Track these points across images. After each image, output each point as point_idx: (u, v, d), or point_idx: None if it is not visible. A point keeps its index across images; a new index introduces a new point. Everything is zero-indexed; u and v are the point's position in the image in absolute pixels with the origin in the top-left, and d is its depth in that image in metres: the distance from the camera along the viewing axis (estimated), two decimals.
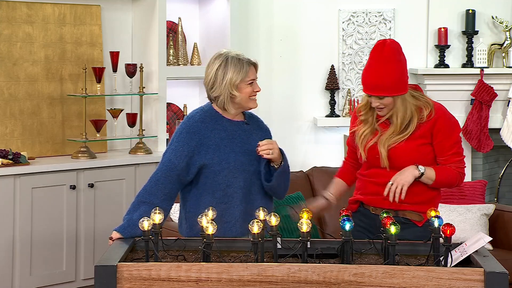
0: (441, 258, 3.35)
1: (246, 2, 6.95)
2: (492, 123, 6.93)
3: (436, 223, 3.40)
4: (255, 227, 3.31)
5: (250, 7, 6.98)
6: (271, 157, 3.83)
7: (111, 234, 3.72)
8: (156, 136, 6.41)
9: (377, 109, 3.93)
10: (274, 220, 3.42)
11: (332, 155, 6.92)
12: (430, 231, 3.43)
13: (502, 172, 7.22)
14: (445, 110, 3.99)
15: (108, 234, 3.78)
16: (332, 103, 6.99)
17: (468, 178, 6.85)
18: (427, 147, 3.95)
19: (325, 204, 4.16)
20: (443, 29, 6.92)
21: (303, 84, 7.07)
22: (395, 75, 3.85)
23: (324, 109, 7.07)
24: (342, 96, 7.04)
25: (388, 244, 3.35)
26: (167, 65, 6.52)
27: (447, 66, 6.98)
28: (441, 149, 3.95)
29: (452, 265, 3.34)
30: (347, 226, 3.36)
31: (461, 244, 3.48)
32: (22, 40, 6.02)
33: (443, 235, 3.35)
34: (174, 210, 5.30)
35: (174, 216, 5.33)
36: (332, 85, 6.96)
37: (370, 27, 7.05)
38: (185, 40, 6.75)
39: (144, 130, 6.35)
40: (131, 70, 6.28)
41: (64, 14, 6.19)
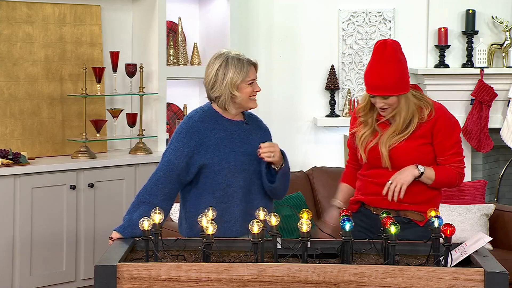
0: (441, 258, 3.35)
1: (246, 2, 6.94)
2: (492, 123, 6.92)
3: (436, 223, 3.40)
4: (255, 227, 3.30)
5: (250, 7, 6.97)
6: (272, 160, 3.83)
7: (111, 234, 3.72)
8: (156, 136, 6.41)
9: (381, 110, 3.93)
10: (274, 220, 3.42)
11: (332, 155, 6.92)
12: (431, 231, 3.43)
13: (502, 172, 7.22)
14: (445, 110, 3.99)
15: (108, 234, 3.77)
16: (332, 103, 6.99)
17: (468, 178, 6.85)
18: (427, 147, 3.95)
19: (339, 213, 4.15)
20: (443, 29, 6.92)
21: (303, 84, 7.06)
22: (399, 74, 3.85)
23: (324, 109, 7.07)
24: (342, 96, 7.04)
25: (388, 244, 3.35)
26: (167, 65, 6.52)
27: (447, 66, 6.98)
28: (441, 149, 3.95)
29: (452, 265, 3.34)
30: (347, 226, 3.36)
31: (461, 244, 3.48)
32: (22, 40, 6.01)
33: (443, 235, 3.35)
34: (174, 210, 5.30)
35: (174, 216, 5.32)
36: (332, 85, 6.95)
37: (370, 27, 7.04)
38: (185, 40, 6.75)
39: (144, 130, 6.35)
40: (131, 70, 6.28)
41: (64, 14, 6.19)
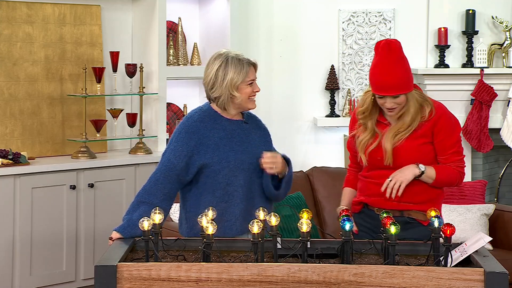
0: (441, 258, 3.35)
1: (246, 2, 6.94)
2: (492, 123, 6.92)
3: (436, 223, 3.40)
4: (255, 227, 3.30)
5: (250, 7, 6.97)
6: (274, 172, 3.83)
7: (111, 234, 3.72)
8: (156, 136, 6.41)
9: (388, 111, 3.91)
10: (274, 220, 3.42)
11: (332, 155, 6.92)
12: (431, 231, 3.43)
13: (502, 172, 7.22)
14: (446, 109, 4.00)
15: (108, 234, 3.77)
16: (332, 103, 6.99)
17: (468, 178, 6.84)
18: (428, 146, 3.95)
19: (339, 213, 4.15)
20: (443, 29, 6.92)
21: (303, 84, 7.06)
22: (406, 73, 3.87)
23: (324, 109, 7.07)
24: (342, 96, 7.04)
25: (388, 244, 3.35)
26: (167, 65, 6.52)
27: (447, 66, 6.98)
28: (442, 148, 3.95)
29: (452, 265, 3.34)
30: (347, 226, 3.36)
31: (461, 244, 3.48)
32: (22, 40, 6.01)
33: (443, 235, 3.35)
34: (174, 210, 5.30)
35: (174, 216, 5.32)
36: (332, 85, 6.96)
37: (370, 27, 7.04)
38: (185, 40, 6.75)
39: (144, 130, 6.35)
40: (131, 70, 6.27)
41: (64, 14, 6.19)
